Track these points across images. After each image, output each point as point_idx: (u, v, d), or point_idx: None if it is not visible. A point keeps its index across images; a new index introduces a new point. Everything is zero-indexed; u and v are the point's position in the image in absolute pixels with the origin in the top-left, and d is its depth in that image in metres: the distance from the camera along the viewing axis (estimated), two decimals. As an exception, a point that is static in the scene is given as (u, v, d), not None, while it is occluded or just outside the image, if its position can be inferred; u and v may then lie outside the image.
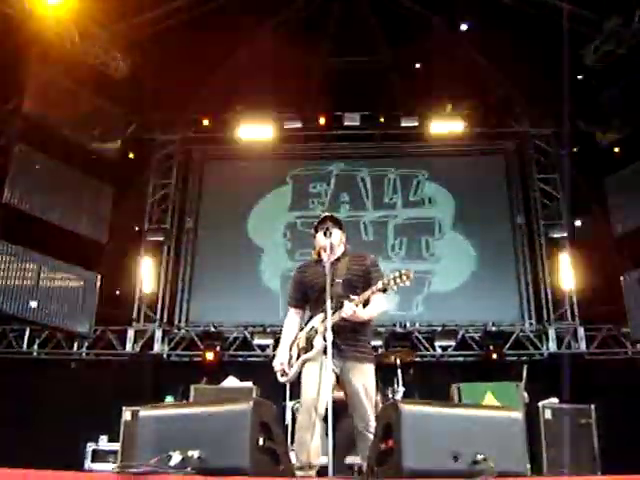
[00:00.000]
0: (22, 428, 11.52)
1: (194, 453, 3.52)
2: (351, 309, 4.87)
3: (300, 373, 5.08)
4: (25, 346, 13.53)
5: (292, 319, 5.43)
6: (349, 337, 5.05)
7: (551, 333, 13.33)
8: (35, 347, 13.57)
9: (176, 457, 3.49)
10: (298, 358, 5.13)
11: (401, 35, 14.15)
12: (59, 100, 13.09)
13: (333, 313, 4.83)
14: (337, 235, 5.29)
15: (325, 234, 5.20)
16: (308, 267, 5.47)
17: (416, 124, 14.47)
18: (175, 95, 14.32)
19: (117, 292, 15.15)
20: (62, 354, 13.55)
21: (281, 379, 5.23)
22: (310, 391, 4.84)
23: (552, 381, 12.13)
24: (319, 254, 5.41)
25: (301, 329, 5.32)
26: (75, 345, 13.61)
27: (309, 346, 5.06)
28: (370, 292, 4.99)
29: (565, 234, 13.63)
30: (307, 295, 5.34)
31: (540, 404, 9.25)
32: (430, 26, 13.82)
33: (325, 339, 4.76)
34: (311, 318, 5.26)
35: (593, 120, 13.28)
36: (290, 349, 5.26)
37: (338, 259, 5.23)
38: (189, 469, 3.46)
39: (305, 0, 14.00)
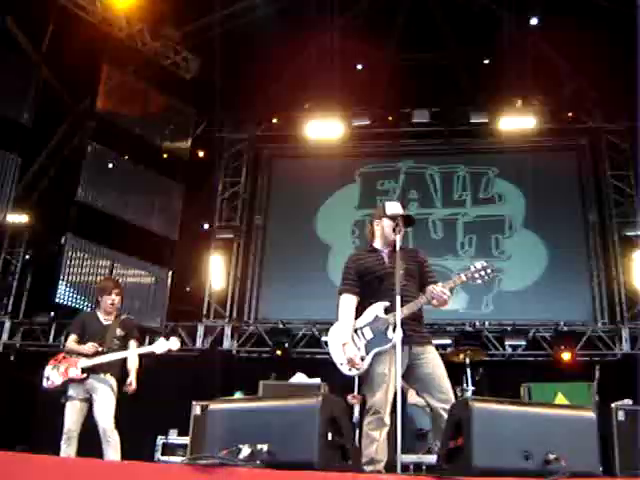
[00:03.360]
0: (92, 422, 11.74)
1: (263, 447, 3.53)
2: (444, 292, 4.87)
3: (370, 367, 4.96)
4: (98, 341, 13.78)
5: (350, 306, 5.20)
6: (412, 324, 4.99)
7: (624, 333, 13.01)
8: (107, 342, 13.81)
9: (245, 450, 3.51)
10: (367, 351, 5.01)
11: (469, 30, 13.99)
12: (131, 100, 13.37)
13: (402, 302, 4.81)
14: (403, 234, 5.25)
15: (395, 230, 5.15)
16: (364, 254, 5.37)
17: (486, 120, 14.31)
18: (244, 94, 14.46)
19: (187, 288, 15.37)
20: (134, 349, 13.76)
21: (349, 372, 5.10)
22: (383, 387, 4.81)
23: (625, 382, 11.84)
24: (372, 241, 5.38)
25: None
26: (146, 340, 13.82)
27: (381, 338, 4.96)
28: (457, 279, 5.00)
29: (639, 232, 13.29)
30: (364, 282, 5.22)
31: (613, 405, 9.04)
32: (499, 21, 13.65)
33: (396, 330, 4.75)
34: (368, 306, 5.14)
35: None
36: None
37: (393, 250, 5.17)
38: (258, 462, 3.47)
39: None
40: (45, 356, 6.98)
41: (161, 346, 6.72)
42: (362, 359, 4.93)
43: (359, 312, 5.16)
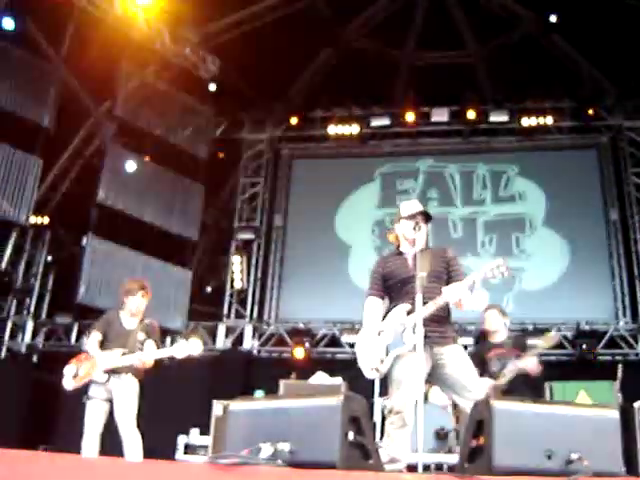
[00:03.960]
0: (114, 422, 11.80)
1: (284, 446, 3.54)
2: (456, 294, 4.86)
3: (390, 369, 5.00)
4: (120, 341, 13.86)
5: (375, 309, 5.25)
6: (433, 325, 4.98)
7: (647, 332, 12.95)
8: (129, 342, 13.89)
9: (266, 449, 3.52)
10: (387, 353, 5.04)
11: (488, 28, 13.96)
12: (150, 101, 13.43)
13: (423, 304, 4.82)
14: (424, 231, 5.25)
15: (414, 228, 5.16)
16: (390, 258, 5.38)
17: (506, 119, 14.25)
18: (263, 94, 14.50)
19: (208, 289, 15.43)
20: (156, 349, 13.84)
21: (371, 375, 5.14)
22: (403, 388, 4.81)
23: (649, 381, 11.77)
24: (399, 245, 5.37)
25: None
26: (168, 341, 13.89)
27: (399, 340, 4.96)
28: (471, 277, 4.95)
29: (662, 230, 13.20)
30: (389, 286, 5.25)
31: (636, 405, 8.98)
32: (518, 19, 13.60)
33: (410, 332, 4.78)
34: (391, 309, 5.15)
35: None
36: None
37: (420, 251, 5.17)
38: (279, 461, 3.48)
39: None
40: (67, 357, 7.00)
41: (181, 350, 6.67)
42: (382, 362, 4.94)
43: (385, 315, 5.17)
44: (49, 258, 14.61)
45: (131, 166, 13.40)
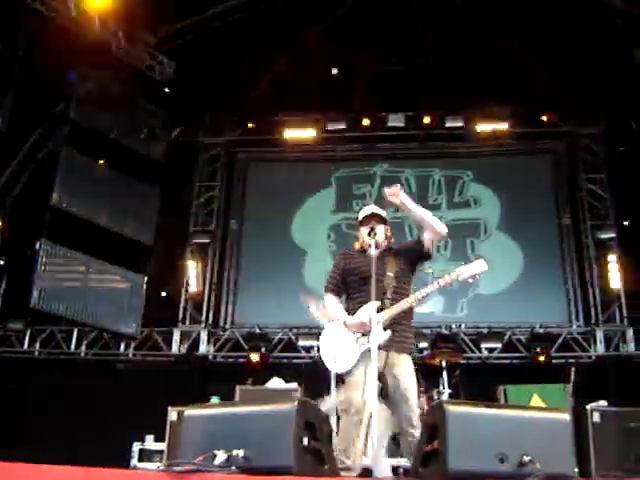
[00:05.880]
0: (69, 429, 11.68)
1: (239, 452, 3.51)
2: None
3: (353, 368, 4.95)
4: (73, 347, 13.72)
5: (335, 304, 5.27)
6: (397, 330, 5.00)
7: (599, 335, 13.14)
8: (82, 348, 13.74)
9: (221, 456, 3.49)
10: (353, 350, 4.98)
11: (446, 35, 14.06)
12: (106, 104, 13.25)
13: (391, 304, 4.91)
14: (381, 232, 5.26)
15: (369, 234, 5.16)
16: (354, 254, 5.39)
17: (461, 124, 14.42)
18: (219, 98, 14.44)
19: (163, 294, 15.30)
20: (109, 355, 13.72)
21: (335, 368, 5.09)
22: (357, 390, 4.81)
23: (600, 384, 11.96)
24: (362, 247, 5.37)
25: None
26: (122, 346, 13.76)
27: (365, 339, 4.91)
28: (444, 281, 5.20)
29: (613, 234, 13.40)
30: (348, 282, 5.26)
31: (589, 407, 9.08)
32: (477, 26, 13.73)
33: (382, 330, 4.87)
34: (355, 306, 5.13)
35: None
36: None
37: (385, 251, 5.20)
38: (234, 468, 3.46)
39: (352, 2, 13.98)
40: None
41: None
42: (351, 356, 4.96)
43: (347, 311, 5.19)
44: (1, 262, 14.37)
45: (85, 169, 13.21)
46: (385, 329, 4.90)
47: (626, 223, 14.11)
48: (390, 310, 4.96)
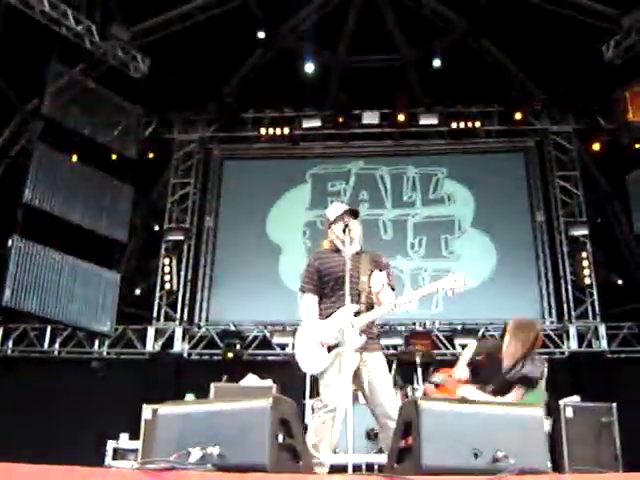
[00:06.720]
0: (43, 427, 11.59)
1: (213, 450, 3.51)
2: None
3: (328, 367, 4.93)
4: (46, 345, 13.62)
5: (314, 306, 5.22)
6: (368, 331, 5.03)
7: (572, 331, 13.25)
8: (56, 346, 13.65)
9: (195, 454, 3.49)
10: (329, 350, 4.96)
11: (419, 33, 14.09)
12: (79, 100, 13.15)
13: (365, 308, 4.96)
14: (357, 229, 5.25)
15: (344, 231, 5.15)
16: (327, 254, 5.35)
17: (435, 122, 14.46)
18: (194, 94, 14.41)
19: (137, 291, 15.23)
20: (83, 353, 13.64)
21: (309, 370, 5.11)
22: (333, 388, 4.83)
23: (573, 379, 12.09)
24: (334, 246, 5.36)
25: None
26: (96, 344, 13.68)
27: (341, 340, 4.89)
28: (423, 292, 5.34)
29: (585, 231, 13.50)
30: (323, 282, 5.21)
31: (561, 402, 9.17)
32: (450, 24, 13.78)
33: (358, 334, 4.88)
34: (327, 307, 5.15)
35: (614, 117, 13.21)
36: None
37: (358, 253, 5.20)
38: (208, 466, 3.46)
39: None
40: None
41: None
42: (329, 349, 4.94)
43: (321, 311, 5.17)
44: (-28, 260, 14.24)
45: (58, 166, 13.11)
46: (360, 334, 4.91)
47: (598, 220, 14.26)
48: (368, 315, 4.98)
